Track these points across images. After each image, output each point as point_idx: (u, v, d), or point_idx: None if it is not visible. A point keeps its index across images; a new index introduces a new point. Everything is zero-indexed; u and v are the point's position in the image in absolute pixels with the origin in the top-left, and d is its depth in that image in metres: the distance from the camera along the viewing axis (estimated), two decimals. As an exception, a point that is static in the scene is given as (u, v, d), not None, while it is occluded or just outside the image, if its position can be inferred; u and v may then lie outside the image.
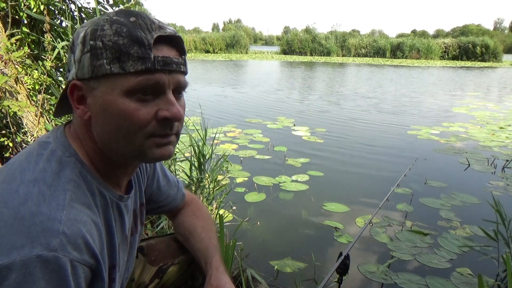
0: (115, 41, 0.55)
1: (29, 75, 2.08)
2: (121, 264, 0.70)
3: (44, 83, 2.10)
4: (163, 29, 0.58)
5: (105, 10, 2.47)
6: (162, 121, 0.58)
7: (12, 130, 2.06)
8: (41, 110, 2.08)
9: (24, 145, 2.13)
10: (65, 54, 2.20)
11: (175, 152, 2.71)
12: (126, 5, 2.44)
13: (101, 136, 0.59)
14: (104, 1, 2.44)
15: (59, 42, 2.15)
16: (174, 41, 0.60)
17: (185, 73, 0.61)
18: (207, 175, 2.42)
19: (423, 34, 61.95)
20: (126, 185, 0.71)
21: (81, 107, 0.60)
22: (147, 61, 0.55)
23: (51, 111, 2.16)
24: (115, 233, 0.64)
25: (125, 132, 0.57)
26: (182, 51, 0.61)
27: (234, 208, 2.69)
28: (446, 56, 31.71)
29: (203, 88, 9.68)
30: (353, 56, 32.43)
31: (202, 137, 2.50)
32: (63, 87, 0.62)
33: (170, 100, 0.58)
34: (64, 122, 0.66)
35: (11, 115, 2.01)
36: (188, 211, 0.99)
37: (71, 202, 0.54)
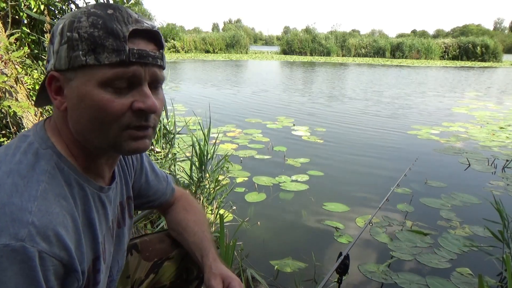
0: (91, 32, 0.55)
1: (29, 75, 2.08)
2: (107, 255, 0.71)
3: (44, 83, 2.10)
4: (140, 23, 0.58)
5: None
6: (137, 112, 0.59)
7: (12, 130, 2.06)
8: (41, 110, 2.08)
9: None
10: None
11: (175, 152, 2.72)
12: (126, 5, 2.44)
13: (77, 127, 0.60)
14: (104, 1, 2.44)
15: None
16: (151, 35, 0.60)
17: (162, 67, 0.62)
18: (207, 175, 2.42)
19: (423, 34, 61.93)
20: (110, 176, 0.71)
21: (58, 98, 0.60)
22: (122, 54, 0.56)
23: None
24: (96, 225, 0.64)
25: (100, 123, 0.58)
26: (160, 46, 0.61)
27: (234, 208, 2.69)
28: (446, 56, 31.68)
29: (203, 88, 9.68)
30: (353, 56, 32.41)
31: (204, 136, 2.50)
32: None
33: (145, 93, 0.59)
34: (46, 116, 0.67)
35: (11, 115, 2.01)
36: (179, 207, 1.00)
37: (44, 193, 0.54)
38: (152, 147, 2.86)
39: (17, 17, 2.15)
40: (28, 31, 2.21)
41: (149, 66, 0.59)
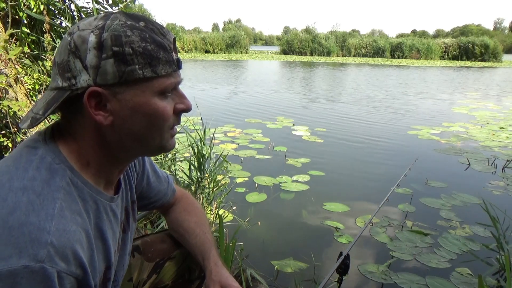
0: (144, 47, 0.57)
1: (29, 75, 2.08)
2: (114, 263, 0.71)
3: (44, 83, 2.10)
4: (169, 33, 0.63)
5: (105, 11, 2.46)
6: (178, 114, 0.66)
7: (12, 130, 2.06)
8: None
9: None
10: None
11: (175, 151, 2.71)
12: (124, 3, 2.44)
13: (126, 137, 0.62)
14: (103, 1, 2.44)
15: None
16: (175, 43, 0.65)
17: None
18: (206, 175, 2.42)
19: (423, 34, 61.88)
20: (116, 184, 0.72)
21: (101, 113, 0.59)
22: (172, 64, 0.61)
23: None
24: (108, 236, 0.65)
25: (157, 128, 0.63)
26: (176, 50, 0.67)
27: (234, 208, 2.69)
28: (446, 56, 31.71)
29: (202, 88, 9.68)
30: (353, 56, 32.44)
31: (201, 137, 2.50)
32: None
33: (182, 94, 0.66)
34: (49, 125, 0.65)
35: (11, 115, 2.01)
36: (180, 208, 1.00)
37: (60, 211, 0.54)
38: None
39: (17, 17, 2.15)
40: (28, 31, 2.20)
41: (179, 70, 0.66)
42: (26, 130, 2.10)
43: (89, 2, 2.43)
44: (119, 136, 0.61)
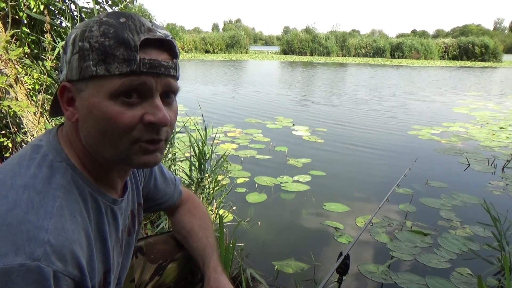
0: (101, 42, 0.54)
1: (29, 75, 2.08)
2: (115, 266, 0.70)
3: (44, 83, 2.10)
4: (152, 31, 0.56)
5: (105, 10, 2.46)
6: (148, 125, 0.57)
7: (12, 130, 2.06)
8: (41, 110, 2.08)
9: (24, 145, 2.12)
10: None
11: (175, 151, 2.71)
12: (123, 4, 2.44)
13: (87, 139, 0.59)
14: (103, 1, 2.44)
15: (59, 42, 2.15)
16: (165, 44, 0.58)
17: (175, 77, 0.60)
18: (207, 175, 2.41)
19: (423, 34, 61.94)
20: (122, 186, 0.70)
21: (70, 109, 0.59)
22: (133, 63, 0.54)
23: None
24: (108, 238, 0.63)
25: (110, 136, 0.56)
26: (173, 55, 0.60)
27: (234, 208, 2.69)
28: (446, 56, 31.74)
29: (202, 88, 9.68)
30: (353, 56, 32.45)
31: (202, 137, 2.50)
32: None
33: (156, 105, 0.57)
34: (58, 124, 0.66)
35: (11, 115, 2.01)
36: (185, 210, 0.99)
37: (60, 209, 0.53)
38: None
39: (17, 17, 2.15)
40: (28, 31, 2.20)
41: (161, 76, 0.57)
42: (26, 129, 2.10)
43: (89, 2, 2.43)
44: (83, 136, 0.59)
